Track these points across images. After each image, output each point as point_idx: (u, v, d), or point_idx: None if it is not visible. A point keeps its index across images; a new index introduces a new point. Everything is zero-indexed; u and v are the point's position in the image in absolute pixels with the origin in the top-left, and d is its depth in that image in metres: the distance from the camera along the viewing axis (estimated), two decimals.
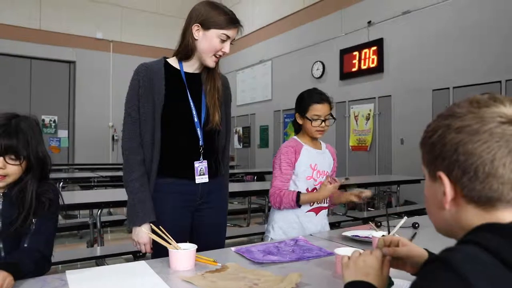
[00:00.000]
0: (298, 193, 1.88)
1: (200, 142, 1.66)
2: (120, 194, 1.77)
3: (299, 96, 1.99)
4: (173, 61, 1.69)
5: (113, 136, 10.04)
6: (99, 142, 9.79)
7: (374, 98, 6.79)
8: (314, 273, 1.26)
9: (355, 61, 7.06)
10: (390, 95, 6.53)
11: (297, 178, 1.94)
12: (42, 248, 1.27)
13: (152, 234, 1.37)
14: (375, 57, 6.72)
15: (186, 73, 1.68)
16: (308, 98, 1.94)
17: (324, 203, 1.98)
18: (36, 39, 9.30)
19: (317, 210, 1.97)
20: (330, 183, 1.86)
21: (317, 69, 7.91)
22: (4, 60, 9.20)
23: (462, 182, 0.65)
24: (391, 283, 0.96)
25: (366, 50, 6.87)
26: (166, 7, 10.81)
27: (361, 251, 0.94)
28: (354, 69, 7.10)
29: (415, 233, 1.78)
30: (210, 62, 1.62)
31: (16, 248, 1.27)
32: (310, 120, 1.91)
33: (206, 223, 1.72)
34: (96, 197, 3.24)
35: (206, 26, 1.57)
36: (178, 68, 1.68)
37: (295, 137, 2.02)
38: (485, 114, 0.64)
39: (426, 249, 0.96)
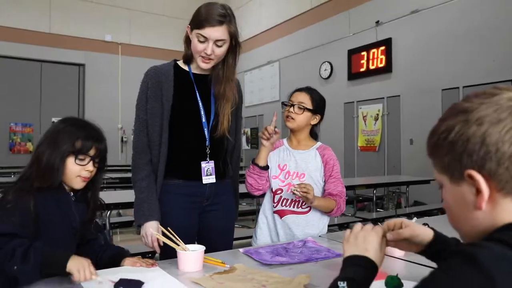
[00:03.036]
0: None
1: (207, 142, 1.66)
2: (129, 196, 1.79)
3: None
4: (183, 63, 1.71)
5: (122, 138, 10.09)
6: (108, 144, 9.77)
7: (383, 98, 6.75)
8: (323, 274, 1.25)
9: (363, 61, 7.03)
10: (399, 95, 6.48)
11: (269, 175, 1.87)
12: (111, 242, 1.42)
13: (160, 235, 1.37)
14: (383, 57, 6.68)
15: (194, 74, 1.69)
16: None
17: (295, 207, 1.80)
18: (46, 42, 9.39)
19: (281, 213, 1.82)
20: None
21: (325, 70, 7.88)
22: (15, 64, 9.32)
23: (499, 174, 0.61)
24: (401, 284, 0.96)
25: (374, 50, 6.83)
26: (173, 9, 10.84)
27: (361, 225, 0.96)
28: (362, 69, 7.07)
29: None
30: (200, 63, 1.60)
31: (79, 246, 1.39)
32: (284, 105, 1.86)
33: (213, 225, 1.72)
34: (106, 199, 3.24)
35: (191, 27, 1.58)
36: (187, 69, 1.69)
37: (285, 138, 1.95)
38: (499, 101, 0.63)
39: (432, 228, 0.99)
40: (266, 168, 1.80)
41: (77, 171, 1.29)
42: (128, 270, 1.27)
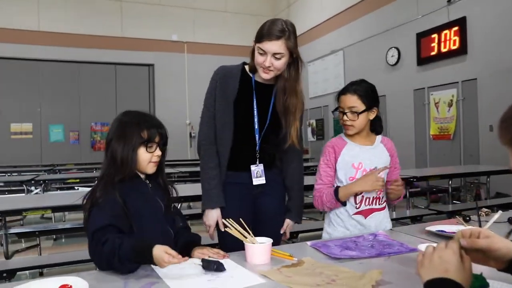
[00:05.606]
0: (337, 187, 1.75)
1: (257, 147, 1.76)
2: (199, 189, 1.87)
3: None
4: (248, 71, 1.80)
5: (190, 133, 10.51)
6: (177, 139, 10.26)
7: (457, 82, 6.31)
8: (396, 270, 1.20)
9: (434, 44, 6.61)
10: (475, 79, 6.01)
11: (339, 179, 1.81)
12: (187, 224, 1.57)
13: (231, 228, 1.39)
14: (456, 38, 6.23)
15: (257, 82, 1.77)
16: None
17: (377, 204, 1.77)
18: (120, 46, 10.07)
19: (366, 213, 1.76)
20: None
21: (392, 56, 7.53)
22: (93, 68, 10.14)
23: None
24: (486, 284, 0.88)
25: (447, 31, 6.39)
26: (234, 5, 11.03)
27: (435, 244, 0.86)
28: (433, 53, 6.65)
29: None
30: (261, 73, 1.69)
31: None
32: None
33: (264, 210, 1.81)
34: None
35: (255, 40, 1.67)
36: (251, 75, 1.77)
37: (342, 134, 1.87)
38: None
39: None
40: (345, 204, 1.78)
41: (148, 158, 1.42)
42: (198, 263, 1.30)
